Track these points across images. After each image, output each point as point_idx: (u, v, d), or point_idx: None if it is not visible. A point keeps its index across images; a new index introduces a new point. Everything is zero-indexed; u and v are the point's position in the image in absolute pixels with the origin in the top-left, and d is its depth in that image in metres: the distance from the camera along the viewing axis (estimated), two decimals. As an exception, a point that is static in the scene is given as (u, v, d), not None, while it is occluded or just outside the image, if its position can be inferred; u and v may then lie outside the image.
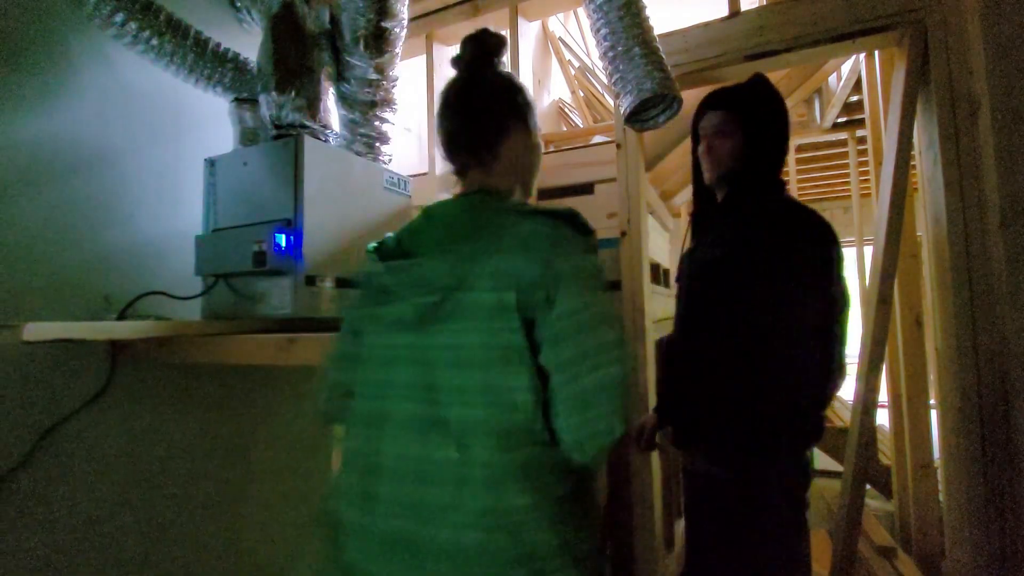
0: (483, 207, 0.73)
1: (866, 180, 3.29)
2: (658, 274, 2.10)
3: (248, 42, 1.63)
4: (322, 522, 0.72)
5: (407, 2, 1.53)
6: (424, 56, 2.20)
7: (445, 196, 0.83)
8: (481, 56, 0.80)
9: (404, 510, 0.65)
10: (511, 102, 0.80)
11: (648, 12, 1.45)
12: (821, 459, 3.38)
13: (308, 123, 1.35)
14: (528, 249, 0.65)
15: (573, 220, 0.70)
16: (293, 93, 1.34)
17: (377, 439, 0.69)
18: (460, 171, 0.80)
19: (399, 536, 0.64)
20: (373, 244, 0.82)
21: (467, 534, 0.61)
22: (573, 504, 0.66)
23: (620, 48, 1.42)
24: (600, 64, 1.58)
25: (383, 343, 0.72)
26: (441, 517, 0.62)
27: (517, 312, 0.63)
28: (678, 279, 1.35)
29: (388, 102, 1.61)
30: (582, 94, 5.03)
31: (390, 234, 0.81)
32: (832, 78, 3.31)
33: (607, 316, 0.66)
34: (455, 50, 0.83)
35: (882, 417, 2.56)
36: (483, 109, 0.78)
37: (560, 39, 4.89)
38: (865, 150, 2.87)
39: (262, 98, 1.35)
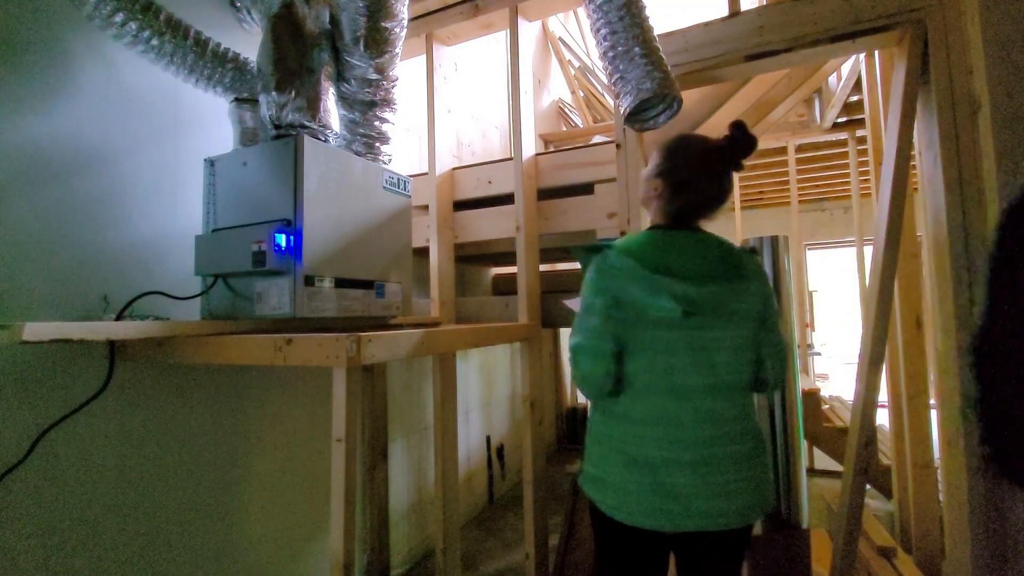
0: (723, 248, 1.08)
1: (866, 180, 3.29)
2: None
3: (248, 42, 1.63)
4: (635, 461, 1.03)
5: (407, 2, 1.53)
6: (424, 56, 2.20)
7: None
8: (745, 142, 1.08)
9: (703, 442, 1.00)
10: None
11: (648, 12, 1.45)
12: (821, 459, 3.38)
13: (308, 123, 1.35)
14: (759, 278, 1.08)
15: (758, 253, 1.20)
16: (293, 93, 1.34)
17: (673, 401, 1.02)
18: (696, 217, 1.11)
19: (701, 458, 1.00)
20: (615, 245, 1.09)
21: (743, 445, 1.03)
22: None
23: (620, 48, 1.42)
24: (600, 64, 1.58)
25: (662, 336, 1.02)
26: (728, 440, 1.01)
27: (759, 316, 1.06)
28: None
29: (388, 102, 1.61)
30: (582, 94, 5.03)
31: (622, 242, 1.09)
32: (832, 78, 3.31)
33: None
34: (455, 50, 0.85)
35: (882, 417, 2.56)
36: (731, 187, 1.12)
37: (560, 39, 4.89)
38: (865, 150, 2.87)
39: (262, 98, 1.35)
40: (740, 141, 1.06)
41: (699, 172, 1.08)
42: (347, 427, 1.02)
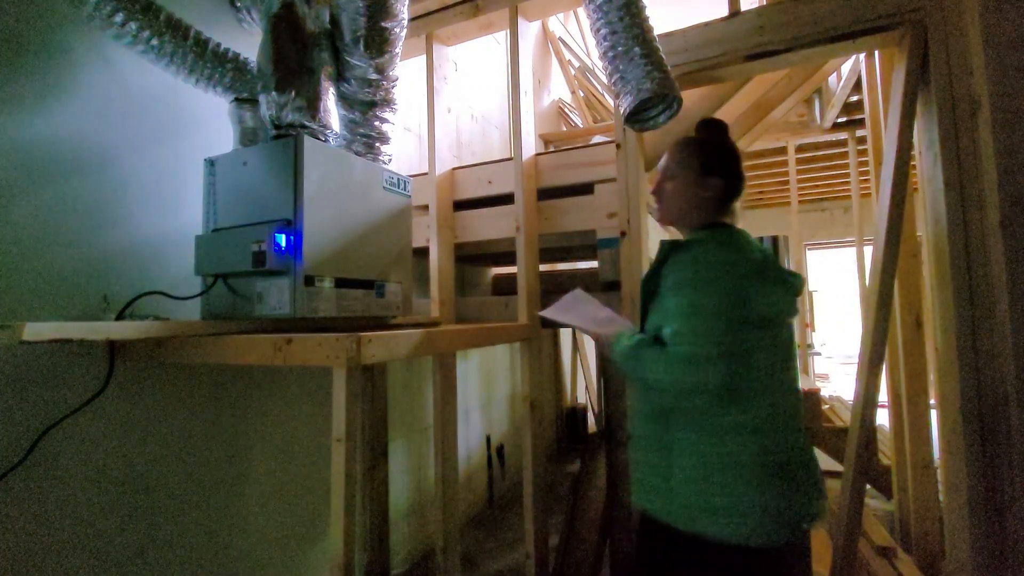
0: (767, 247, 1.13)
1: (866, 180, 3.29)
2: (658, 274, 2.09)
3: (248, 42, 1.63)
4: (772, 475, 0.97)
5: (407, 2, 1.53)
6: (424, 56, 2.20)
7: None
8: (718, 124, 1.18)
9: (795, 438, 1.01)
10: None
11: (648, 12, 1.45)
12: (821, 459, 3.38)
13: (308, 123, 1.35)
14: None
15: None
16: (293, 93, 1.34)
17: (777, 402, 1.00)
18: (727, 209, 1.13)
19: (810, 455, 1.03)
20: (704, 240, 1.07)
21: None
22: None
23: (620, 48, 1.42)
24: (600, 64, 1.58)
25: (764, 335, 1.00)
26: (803, 430, 1.04)
27: None
28: None
29: (388, 102, 1.61)
30: (582, 94, 5.03)
31: (708, 238, 1.08)
32: (832, 78, 3.31)
33: None
34: (455, 50, 0.86)
35: (882, 417, 2.56)
36: None
37: (560, 39, 4.89)
38: (865, 150, 2.87)
39: (262, 98, 1.35)
40: (716, 126, 1.17)
41: (737, 161, 1.14)
42: (347, 427, 1.02)
